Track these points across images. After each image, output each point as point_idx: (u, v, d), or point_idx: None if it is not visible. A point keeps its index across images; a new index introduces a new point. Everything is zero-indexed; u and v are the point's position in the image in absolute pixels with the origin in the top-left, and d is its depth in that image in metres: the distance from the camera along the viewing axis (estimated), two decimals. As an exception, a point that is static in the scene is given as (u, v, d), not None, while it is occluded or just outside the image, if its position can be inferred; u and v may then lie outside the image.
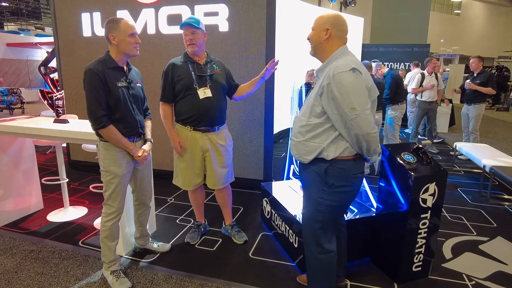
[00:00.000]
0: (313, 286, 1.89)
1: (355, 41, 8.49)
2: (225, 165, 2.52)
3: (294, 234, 2.38)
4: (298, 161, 1.83)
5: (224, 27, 3.50)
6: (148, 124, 2.29)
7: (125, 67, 2.08)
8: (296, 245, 2.36)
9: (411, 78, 6.55)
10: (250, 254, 2.52)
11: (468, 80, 5.04)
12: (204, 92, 2.32)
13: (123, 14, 3.76)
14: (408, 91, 6.62)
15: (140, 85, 2.20)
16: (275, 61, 2.42)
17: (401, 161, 2.08)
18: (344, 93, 1.52)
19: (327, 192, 1.69)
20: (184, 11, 3.57)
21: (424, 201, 2.04)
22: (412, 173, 1.99)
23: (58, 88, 5.16)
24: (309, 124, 1.69)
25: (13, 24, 21.34)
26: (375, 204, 2.47)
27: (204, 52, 2.43)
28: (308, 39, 1.75)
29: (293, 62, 6.15)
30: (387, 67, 7.96)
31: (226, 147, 2.51)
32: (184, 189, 2.60)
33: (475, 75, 5.01)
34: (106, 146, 2.05)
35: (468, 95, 5.06)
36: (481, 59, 4.97)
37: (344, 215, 2.17)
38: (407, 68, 9.12)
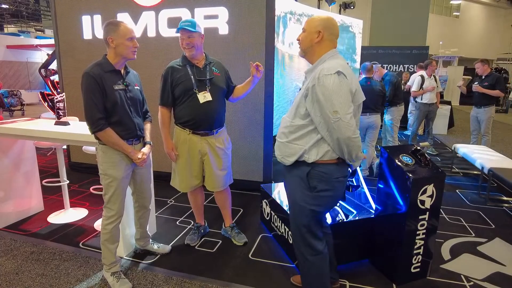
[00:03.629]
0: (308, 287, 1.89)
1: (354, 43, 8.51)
2: (224, 167, 2.53)
3: (292, 236, 2.39)
4: (282, 165, 1.80)
5: (224, 30, 3.53)
6: (147, 126, 2.30)
7: (122, 70, 2.09)
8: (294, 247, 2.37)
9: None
10: (250, 256, 2.53)
11: (476, 83, 4.88)
12: (204, 96, 2.33)
13: (123, 17, 3.79)
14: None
15: (138, 87, 2.20)
16: (254, 64, 2.37)
17: (399, 163, 2.09)
18: (327, 96, 1.52)
19: (310, 196, 1.69)
20: (184, 14, 3.60)
21: (423, 202, 2.06)
22: (410, 175, 2.01)
23: (58, 90, 5.19)
24: (293, 125, 1.69)
25: (13, 26, 21.39)
26: (373, 206, 2.49)
27: (203, 54, 2.43)
28: (298, 40, 1.75)
29: (292, 64, 6.17)
30: (386, 69, 7.98)
31: (225, 150, 2.52)
32: (181, 191, 2.61)
33: (483, 77, 4.87)
34: (104, 149, 2.06)
35: (476, 97, 4.95)
36: (484, 62, 4.83)
37: (343, 216, 2.18)
38: (406, 70, 9.16)
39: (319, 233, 1.79)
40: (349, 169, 1.76)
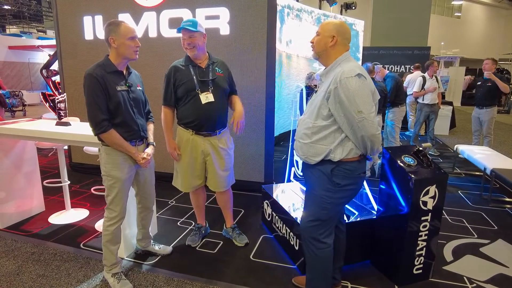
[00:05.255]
0: (312, 282, 1.92)
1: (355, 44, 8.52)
2: (227, 168, 2.52)
3: (294, 237, 2.39)
4: (302, 162, 1.89)
5: (225, 30, 3.52)
6: (150, 127, 2.29)
7: (124, 71, 2.08)
8: (297, 248, 2.36)
9: (411, 81, 6.57)
10: (251, 257, 2.52)
11: (488, 72, 4.81)
12: (206, 97, 2.32)
13: (124, 18, 3.79)
14: (408, 93, 6.64)
15: (140, 88, 2.19)
16: (234, 123, 2.37)
17: (401, 164, 2.08)
18: (351, 97, 1.60)
19: (333, 191, 1.76)
20: (185, 15, 3.60)
21: (425, 203, 2.05)
22: (413, 176, 2.00)
23: (60, 90, 5.19)
24: (316, 126, 1.75)
25: (15, 27, 21.46)
26: (375, 207, 2.48)
27: (206, 53, 2.41)
28: (312, 42, 1.81)
29: (291, 64, 6.18)
30: (388, 70, 7.98)
31: (228, 150, 2.51)
32: (183, 191, 2.61)
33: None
34: (107, 151, 2.05)
35: (478, 98, 4.94)
36: (494, 61, 4.87)
37: (344, 217, 2.19)
38: (408, 70, 9.15)
39: (332, 227, 1.86)
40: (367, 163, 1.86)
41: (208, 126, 2.38)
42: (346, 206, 2.59)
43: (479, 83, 4.91)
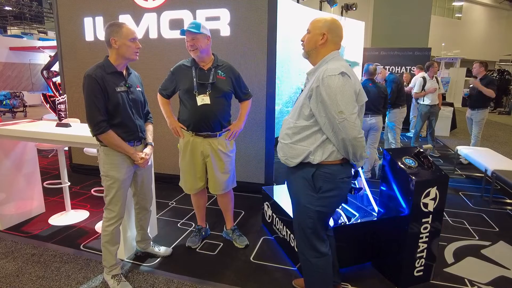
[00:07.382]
0: None
1: (356, 45, 8.51)
2: (226, 171, 2.52)
3: (295, 239, 2.38)
4: (286, 167, 1.80)
5: (225, 31, 3.52)
6: (149, 128, 2.30)
7: (124, 72, 2.08)
8: (297, 250, 2.35)
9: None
10: (251, 258, 2.52)
11: (473, 80, 4.99)
12: (202, 99, 2.32)
13: (125, 19, 3.79)
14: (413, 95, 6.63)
15: (140, 89, 2.20)
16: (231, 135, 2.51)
17: (402, 165, 2.08)
18: (332, 96, 1.52)
19: (315, 198, 1.68)
20: (186, 16, 3.60)
21: (425, 205, 2.04)
22: (413, 178, 1.99)
23: (60, 91, 5.19)
24: (297, 127, 1.68)
25: (16, 28, 21.50)
26: (376, 208, 2.47)
27: (210, 56, 2.40)
28: (302, 41, 1.74)
29: (293, 66, 6.17)
30: (388, 71, 7.98)
31: (228, 153, 2.50)
32: (188, 193, 2.61)
33: (477, 79, 5.03)
34: (106, 151, 2.05)
35: (471, 100, 5.07)
36: (482, 64, 4.97)
37: (345, 219, 2.17)
38: (408, 71, 9.14)
39: (323, 235, 1.79)
40: (352, 169, 1.75)
41: (205, 127, 2.38)
42: (347, 208, 2.58)
43: (471, 85, 5.01)
